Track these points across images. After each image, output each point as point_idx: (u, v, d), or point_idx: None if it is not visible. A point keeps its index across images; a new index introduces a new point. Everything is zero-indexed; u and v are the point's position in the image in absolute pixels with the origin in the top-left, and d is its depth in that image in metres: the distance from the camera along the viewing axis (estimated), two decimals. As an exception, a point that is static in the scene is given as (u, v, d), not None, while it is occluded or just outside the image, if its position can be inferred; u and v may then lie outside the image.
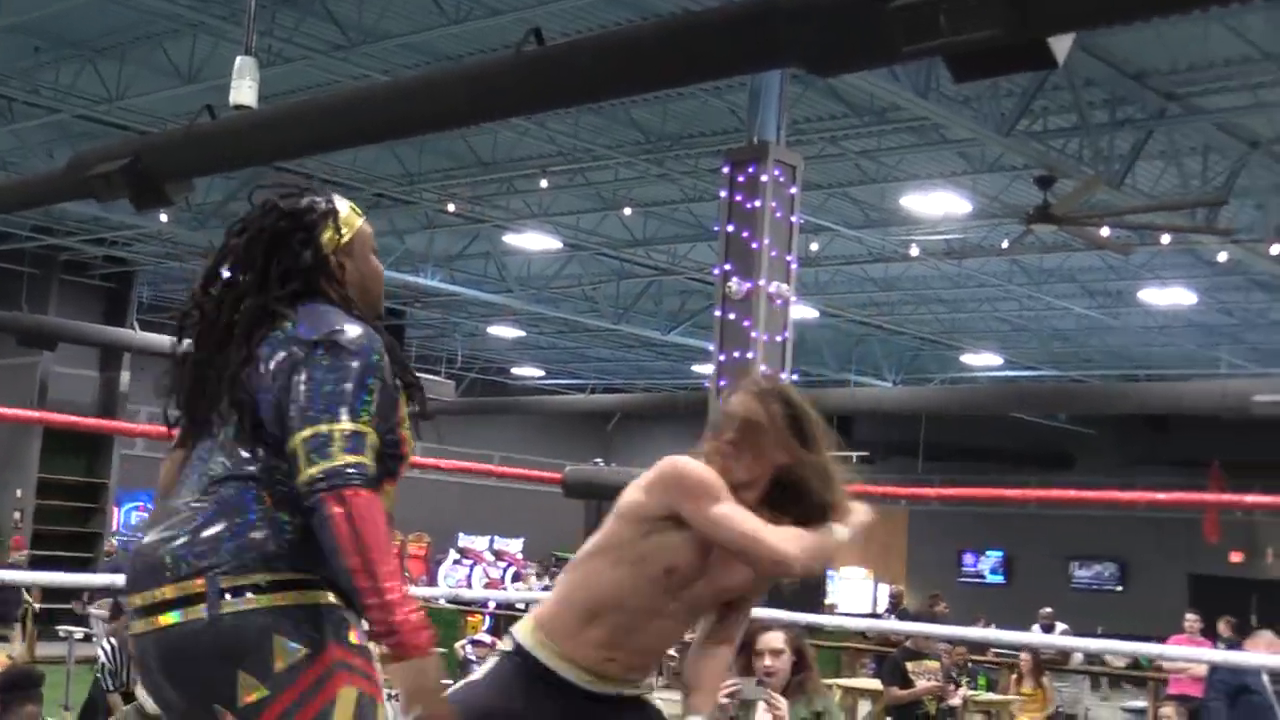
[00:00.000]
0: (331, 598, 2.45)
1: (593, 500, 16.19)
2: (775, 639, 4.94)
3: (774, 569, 2.99)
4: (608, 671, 3.04)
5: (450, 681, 3.07)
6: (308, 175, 14.94)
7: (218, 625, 2.34)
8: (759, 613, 6.50)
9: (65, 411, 16.70)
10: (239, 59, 7.52)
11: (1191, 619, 13.36)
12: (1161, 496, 6.16)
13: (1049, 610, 18.20)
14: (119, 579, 7.35)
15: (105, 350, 20.93)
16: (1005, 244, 14.70)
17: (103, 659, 9.03)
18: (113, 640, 9.16)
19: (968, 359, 23.15)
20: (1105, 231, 12.66)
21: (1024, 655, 13.44)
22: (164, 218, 15.71)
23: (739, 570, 3.06)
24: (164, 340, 21.02)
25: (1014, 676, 13.73)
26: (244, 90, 7.41)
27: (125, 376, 21.18)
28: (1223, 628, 13.53)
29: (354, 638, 2.46)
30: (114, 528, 21.41)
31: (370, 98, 8.15)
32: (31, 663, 10.22)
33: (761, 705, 4.72)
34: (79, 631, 13.29)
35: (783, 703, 4.70)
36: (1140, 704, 14.78)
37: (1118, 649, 9.02)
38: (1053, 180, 11.93)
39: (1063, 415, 23.76)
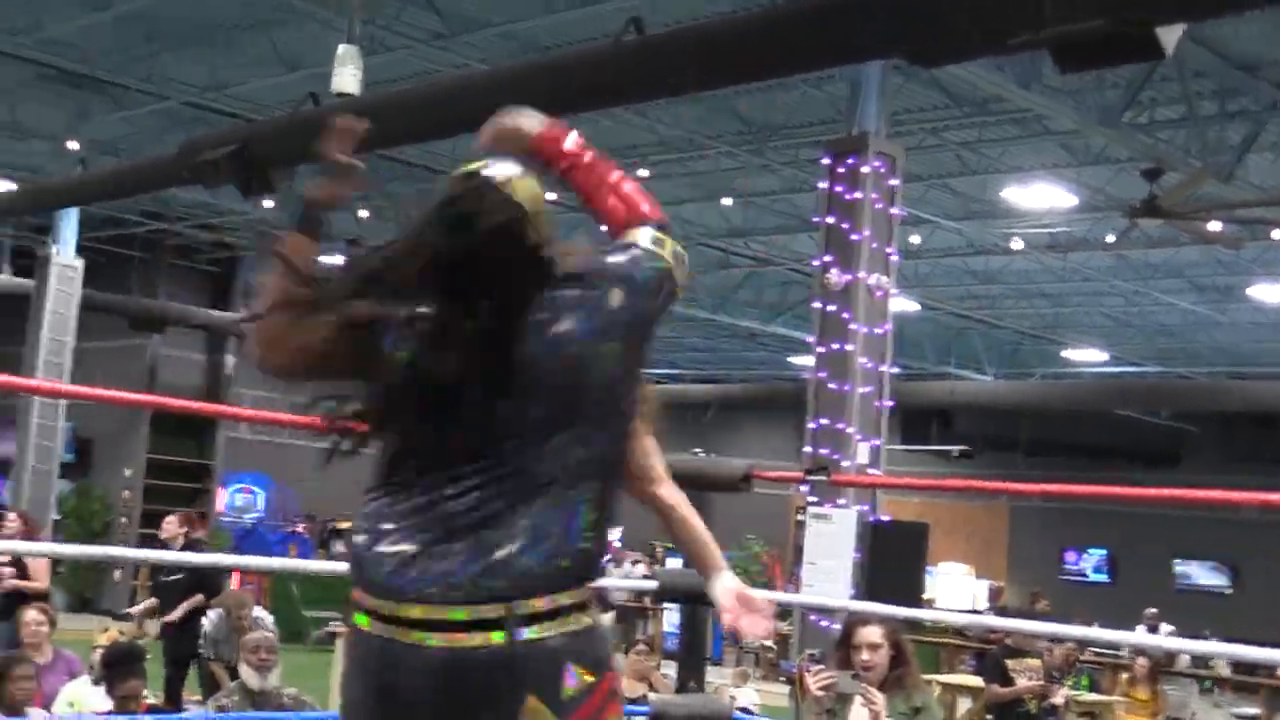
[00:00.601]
0: (603, 616, 2.41)
1: (692, 490, 16.20)
2: (873, 633, 4.91)
3: None
4: None
5: None
6: (408, 164, 15.12)
7: (515, 651, 2.24)
8: (858, 606, 6.45)
9: (173, 393, 17.03)
10: (341, 47, 7.62)
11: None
12: (1275, 497, 6.02)
13: (1154, 611, 17.90)
14: (231, 559, 7.46)
15: (211, 334, 21.34)
16: (1110, 238, 14.47)
17: (207, 627, 9.25)
18: (220, 610, 9.38)
19: (1070, 354, 22.83)
20: (1214, 226, 12.41)
21: (1140, 659, 13.19)
22: (269, 204, 15.97)
23: None
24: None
25: (1126, 678, 13.51)
26: (347, 78, 7.50)
27: (230, 360, 21.57)
28: None
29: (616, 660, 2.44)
30: (219, 508, 21.83)
31: (470, 86, 8.22)
32: (139, 637, 10.49)
33: (858, 699, 4.69)
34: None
35: (879, 697, 4.67)
36: (1253, 710, 14.47)
37: (1226, 652, 8.79)
38: (1160, 173, 11.71)
39: (1165, 412, 23.35)
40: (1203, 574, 24.94)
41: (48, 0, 11.21)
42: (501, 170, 2.43)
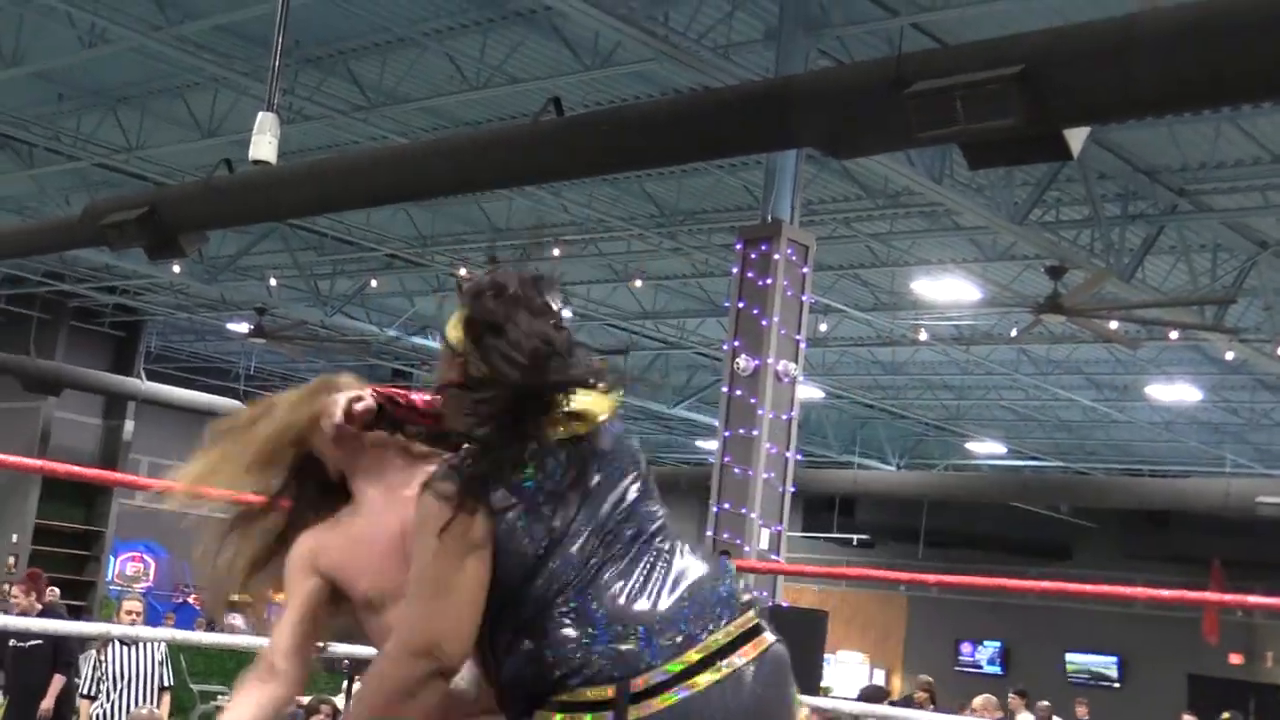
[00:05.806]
0: None
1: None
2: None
3: None
4: None
5: None
6: (321, 234, 15.04)
7: None
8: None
9: (67, 458, 16.68)
10: (260, 114, 7.56)
11: None
12: (1164, 593, 6.06)
13: (1046, 704, 17.98)
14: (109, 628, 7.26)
15: (110, 398, 20.96)
16: (1014, 333, 14.70)
17: (85, 667, 9.17)
18: (93, 655, 9.30)
19: (972, 446, 23.10)
20: (1114, 325, 12.67)
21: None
22: (176, 269, 15.78)
23: None
24: (171, 391, 21.06)
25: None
26: (264, 145, 7.44)
27: (129, 425, 21.18)
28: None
29: None
30: (107, 577, 21.32)
31: (387, 159, 8.20)
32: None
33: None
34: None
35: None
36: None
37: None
38: (1063, 271, 11.95)
39: (1064, 507, 23.68)
40: (1094, 666, 25.21)
41: (-41, 54, 11.06)
42: None
